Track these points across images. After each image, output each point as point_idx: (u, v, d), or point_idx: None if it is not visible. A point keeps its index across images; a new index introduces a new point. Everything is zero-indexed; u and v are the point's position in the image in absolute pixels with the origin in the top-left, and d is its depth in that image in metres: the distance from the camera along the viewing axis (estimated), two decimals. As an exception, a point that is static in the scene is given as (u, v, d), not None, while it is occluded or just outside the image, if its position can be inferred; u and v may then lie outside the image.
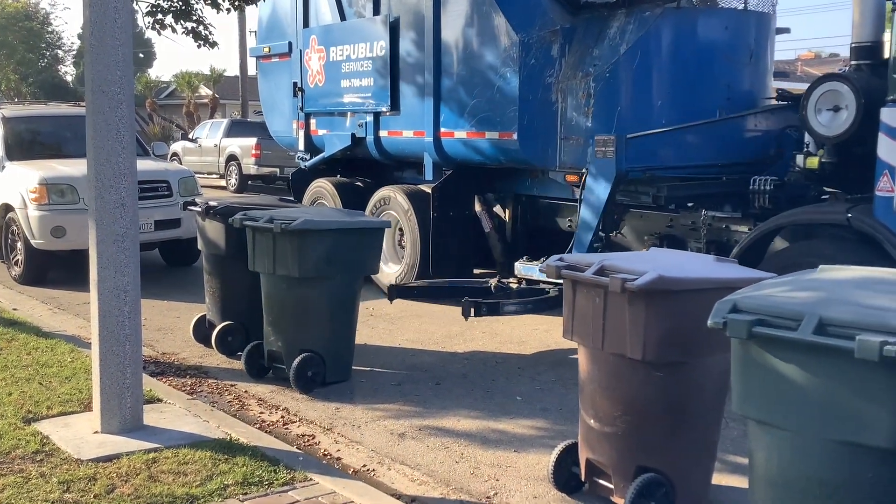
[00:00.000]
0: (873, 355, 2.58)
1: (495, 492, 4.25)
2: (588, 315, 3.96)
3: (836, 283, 3.10)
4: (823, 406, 2.79)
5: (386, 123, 9.25)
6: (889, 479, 2.72)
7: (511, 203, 8.91)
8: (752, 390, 3.00)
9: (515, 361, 6.61)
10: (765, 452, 2.99)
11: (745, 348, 3.00)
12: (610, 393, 3.93)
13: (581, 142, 7.38)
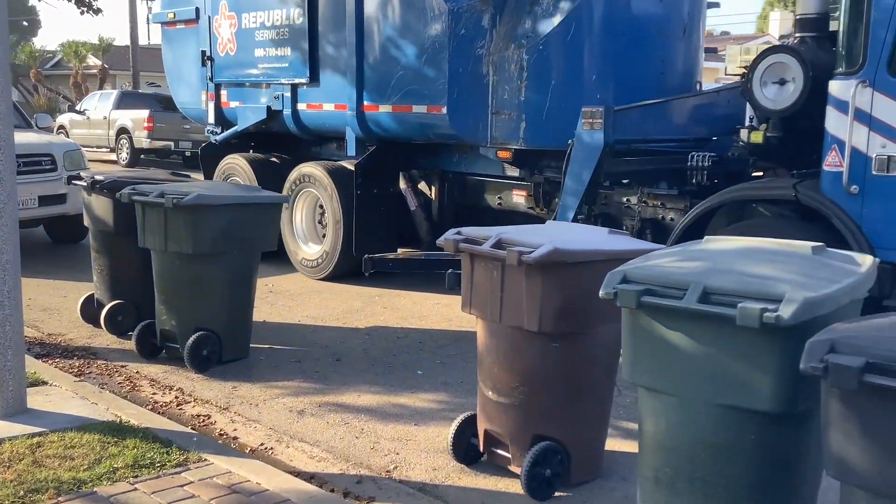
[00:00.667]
0: (754, 322, 2.68)
1: (395, 465, 4.25)
2: (486, 288, 3.99)
3: (720, 253, 3.21)
4: (709, 372, 2.89)
5: (304, 96, 8.76)
6: (771, 440, 2.85)
7: (437, 180, 8.62)
8: (641, 358, 3.08)
9: (417, 336, 6.62)
10: (654, 418, 3.08)
11: (635, 317, 3.08)
12: (507, 365, 3.98)
13: (514, 116, 7.16)
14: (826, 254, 3.21)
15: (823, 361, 2.24)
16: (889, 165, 5.07)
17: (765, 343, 2.76)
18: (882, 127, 5.10)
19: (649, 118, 7.11)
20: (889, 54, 5.08)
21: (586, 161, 6.54)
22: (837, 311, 2.79)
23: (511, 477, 4.07)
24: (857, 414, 2.25)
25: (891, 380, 2.14)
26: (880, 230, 5.16)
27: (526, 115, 7.08)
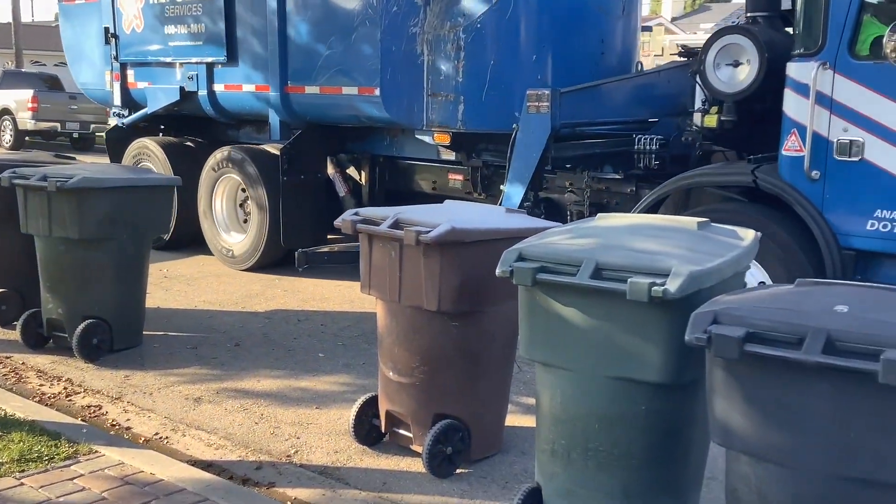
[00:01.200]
0: (643, 296, 2.75)
1: (296, 450, 4.20)
2: (385, 268, 3.97)
3: (612, 230, 3.28)
4: (602, 346, 2.96)
5: (222, 76, 8.20)
6: (660, 410, 2.94)
7: (367, 164, 8.22)
8: (537, 334, 3.13)
9: (318, 318, 6.55)
10: (549, 392, 3.14)
11: (531, 294, 3.12)
12: (407, 345, 3.97)
13: (451, 98, 6.88)
14: (711, 229, 3.32)
15: (707, 332, 2.31)
16: (851, 150, 4.88)
17: (653, 316, 2.84)
18: (843, 110, 4.91)
19: (594, 100, 6.92)
20: (850, 35, 4.86)
21: (533, 145, 6.35)
22: (721, 283, 2.88)
23: (413, 456, 4.08)
24: (738, 382, 2.34)
25: (769, 348, 2.23)
26: (842, 215, 4.98)
27: (464, 97, 6.83)
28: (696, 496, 3.22)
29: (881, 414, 2.13)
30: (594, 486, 3.06)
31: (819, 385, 2.19)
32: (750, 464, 2.36)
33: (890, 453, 2.13)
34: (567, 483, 3.12)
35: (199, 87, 8.37)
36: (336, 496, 3.70)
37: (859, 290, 2.52)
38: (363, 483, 3.86)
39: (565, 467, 3.12)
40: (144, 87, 9.06)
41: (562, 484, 3.14)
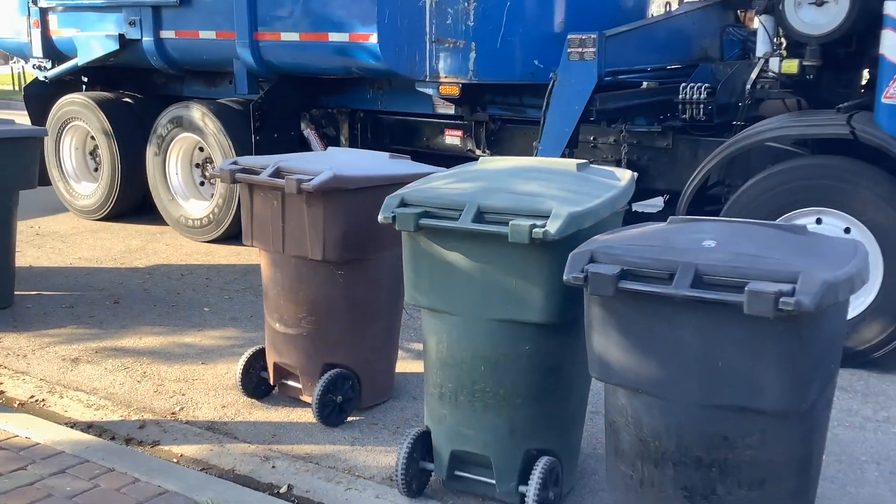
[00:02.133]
0: (524, 238, 2.78)
1: (181, 406, 4.11)
2: (267, 219, 3.88)
3: (494, 173, 3.29)
4: (485, 289, 2.99)
5: (173, 21, 7.13)
6: (543, 349, 3.00)
7: (346, 121, 7.32)
8: (422, 280, 3.13)
9: (203, 272, 6.38)
10: (436, 337, 3.16)
11: (414, 240, 3.11)
12: (293, 296, 3.92)
13: (461, 45, 6.09)
14: (590, 170, 3.37)
15: (584, 271, 2.36)
16: None
17: (535, 258, 2.88)
18: None
19: (636, 44, 6.13)
20: None
21: (573, 98, 5.61)
22: (599, 223, 2.95)
23: (303, 407, 4.06)
24: (614, 318, 2.40)
25: (642, 284, 2.29)
26: None
27: (476, 44, 6.05)
28: (579, 431, 3.33)
29: (748, 343, 2.23)
30: (481, 427, 3.11)
31: (689, 318, 2.28)
32: (626, 396, 2.44)
33: (756, 381, 2.24)
34: (455, 425, 3.17)
35: (144, 33, 7.30)
36: (224, 451, 3.65)
37: (727, 226, 2.61)
38: (252, 436, 3.81)
39: (453, 410, 3.16)
40: (72, 34, 7.88)
41: (450, 426, 3.18)
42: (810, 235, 2.57)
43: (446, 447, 3.20)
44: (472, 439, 3.14)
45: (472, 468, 3.20)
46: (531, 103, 6.28)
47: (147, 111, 7.83)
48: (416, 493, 3.26)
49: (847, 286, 2.22)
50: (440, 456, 3.23)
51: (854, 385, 4.34)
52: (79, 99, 8.07)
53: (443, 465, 3.23)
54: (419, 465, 3.26)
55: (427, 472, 3.30)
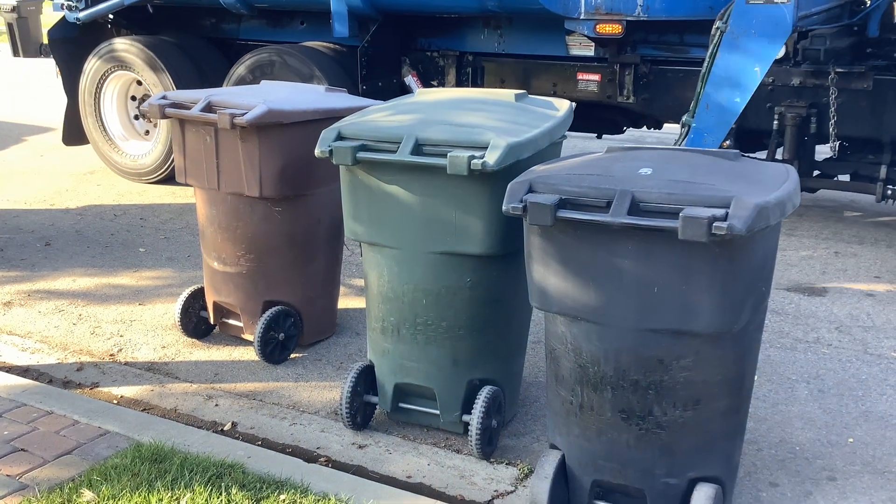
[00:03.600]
0: (462, 170, 2.77)
1: (120, 348, 4.05)
2: (201, 155, 3.78)
3: (432, 105, 3.25)
4: (425, 222, 2.98)
5: None
6: (484, 281, 3.02)
7: (453, 66, 6.35)
8: (361, 214, 3.11)
9: (137, 212, 6.23)
10: (377, 271, 3.15)
11: (352, 174, 3.08)
12: (231, 234, 3.85)
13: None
14: (528, 100, 3.35)
15: (523, 202, 2.36)
16: None
17: (474, 189, 2.87)
18: None
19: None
20: None
21: (755, 55, 4.58)
22: (538, 153, 2.95)
23: (245, 345, 4.04)
24: (554, 247, 2.41)
25: (580, 213, 2.30)
26: None
27: None
28: (521, 360, 3.38)
29: (682, 268, 2.27)
30: (424, 359, 3.13)
31: (626, 244, 2.30)
32: (565, 323, 2.47)
33: (690, 304, 2.28)
34: (398, 358, 3.18)
35: None
36: (165, 391, 3.62)
37: (663, 153, 2.63)
38: (193, 375, 3.78)
39: (396, 343, 3.17)
40: None
41: (393, 359, 3.20)
42: (744, 162, 2.60)
43: (390, 380, 3.23)
44: (415, 371, 3.17)
45: (416, 400, 3.23)
46: (694, 41, 5.52)
47: (206, 58, 6.96)
48: (361, 426, 3.29)
49: (778, 210, 2.26)
50: (384, 389, 3.26)
51: (785, 308, 4.48)
52: (128, 45, 6.82)
53: (387, 397, 3.25)
54: (363, 398, 3.28)
55: (372, 405, 3.33)
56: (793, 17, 4.50)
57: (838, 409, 3.43)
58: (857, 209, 6.30)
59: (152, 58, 6.68)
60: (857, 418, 3.36)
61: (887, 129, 5.16)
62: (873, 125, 5.15)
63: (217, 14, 7.01)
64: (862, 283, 4.82)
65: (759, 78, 4.63)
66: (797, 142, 5.33)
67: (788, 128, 5.28)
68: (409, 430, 3.30)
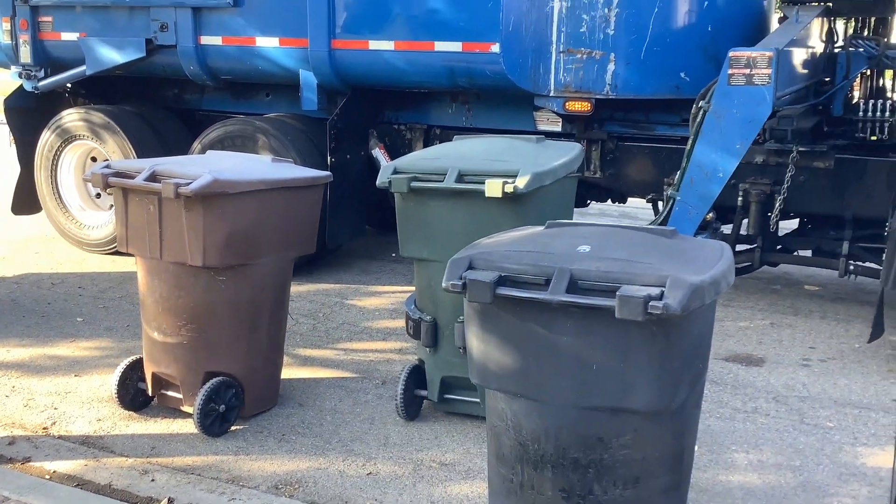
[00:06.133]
0: (497, 192, 3.45)
1: (54, 421, 3.93)
2: (143, 224, 3.76)
3: (469, 146, 4.03)
4: (466, 238, 3.33)
5: (220, 25, 6.18)
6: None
7: (420, 138, 6.38)
8: (413, 234, 3.78)
9: (75, 281, 6.11)
10: (425, 281, 3.82)
11: (406, 201, 3.76)
12: (172, 303, 3.80)
13: (598, 56, 5.43)
14: (546, 143, 4.14)
15: (462, 278, 2.39)
16: None
17: (507, 209, 3.52)
18: None
19: (791, 59, 5.32)
20: None
21: (738, 133, 4.74)
22: (557, 182, 3.71)
23: (184, 418, 3.95)
24: (493, 324, 2.44)
25: (519, 290, 2.34)
26: None
27: (616, 54, 5.43)
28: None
29: (620, 346, 2.31)
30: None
31: (565, 322, 2.33)
32: (506, 400, 2.48)
33: (628, 382, 2.31)
34: (445, 355, 3.82)
35: (180, 39, 6.28)
36: (100, 465, 3.51)
37: (602, 230, 2.69)
38: (130, 449, 3.68)
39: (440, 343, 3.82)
40: (75, 38, 6.69)
41: (441, 357, 3.84)
42: (680, 239, 2.68)
43: (437, 375, 3.86)
44: (460, 367, 3.61)
45: (460, 391, 3.87)
46: (659, 119, 5.75)
47: (168, 128, 6.91)
48: (413, 417, 3.95)
49: (713, 289, 2.33)
50: (433, 382, 3.90)
51: (724, 378, 4.55)
52: (87, 114, 6.77)
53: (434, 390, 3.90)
54: (414, 392, 3.93)
55: (421, 397, 3.96)
56: (772, 97, 4.70)
57: (777, 480, 3.48)
58: (790, 282, 6.49)
59: (113, 127, 6.64)
60: (795, 488, 3.40)
61: (848, 206, 5.36)
62: (835, 202, 5.34)
63: (180, 85, 7.03)
64: (797, 353, 4.94)
65: (740, 154, 4.82)
66: (761, 218, 5.47)
67: (752, 204, 5.44)
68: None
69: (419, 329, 3.83)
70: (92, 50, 6.61)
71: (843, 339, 5.18)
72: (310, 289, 6.01)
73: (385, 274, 6.52)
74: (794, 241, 5.81)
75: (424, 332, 3.81)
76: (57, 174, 6.96)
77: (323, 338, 5.05)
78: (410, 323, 3.90)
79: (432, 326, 3.79)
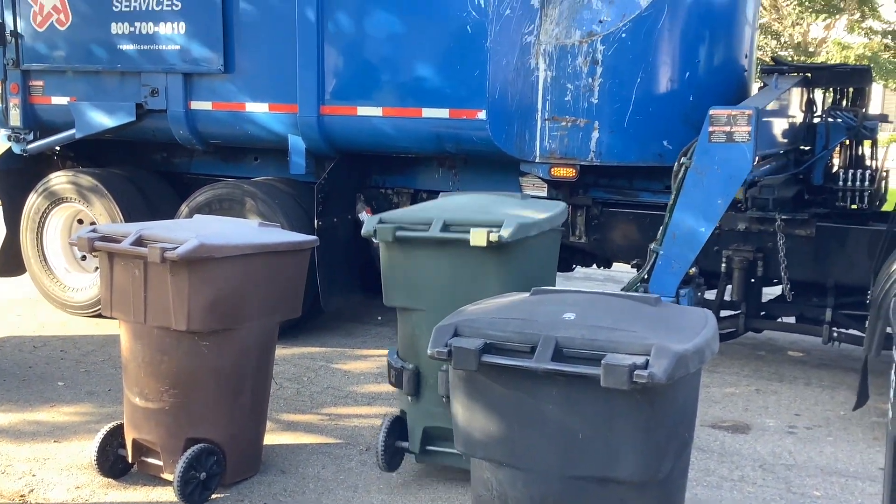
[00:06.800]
0: (482, 241, 3.49)
1: (31, 488, 3.85)
2: (128, 288, 3.74)
3: (455, 200, 4.17)
4: (450, 287, 3.63)
5: (211, 91, 6.28)
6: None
7: (407, 202, 6.37)
8: (396, 284, 3.81)
9: (57, 344, 6.05)
10: (409, 329, 3.84)
11: (391, 250, 3.78)
12: (155, 368, 3.77)
13: (582, 124, 5.55)
14: (531, 200, 4.31)
15: (448, 346, 2.39)
16: None
17: (492, 259, 3.56)
18: None
19: (770, 122, 5.44)
20: None
21: (719, 188, 4.85)
22: (541, 234, 3.76)
23: (164, 485, 3.88)
24: (479, 391, 2.43)
25: (505, 358, 2.34)
26: None
27: (600, 122, 5.53)
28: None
29: (605, 415, 2.30)
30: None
31: (551, 390, 2.33)
32: (490, 469, 2.46)
33: (614, 451, 2.31)
34: (428, 404, 3.82)
35: (171, 104, 6.38)
36: (76, 536, 3.43)
37: (587, 297, 2.71)
38: (108, 519, 3.61)
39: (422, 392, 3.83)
40: (65, 102, 6.76)
41: (423, 406, 3.84)
42: (664, 307, 2.70)
43: (419, 425, 3.84)
44: (440, 416, 3.67)
45: (442, 443, 3.83)
46: (643, 186, 5.84)
47: (156, 191, 6.94)
48: (394, 468, 3.94)
49: (697, 357, 2.34)
50: (414, 433, 3.87)
51: (710, 445, 4.53)
52: (75, 177, 6.80)
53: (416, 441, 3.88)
54: (395, 444, 3.89)
55: (403, 449, 3.92)
56: (752, 154, 4.81)
57: (765, 551, 3.44)
58: (775, 348, 6.51)
59: (101, 190, 6.66)
60: (783, 560, 3.37)
61: (830, 273, 5.41)
62: (817, 269, 5.40)
63: (169, 148, 7.07)
64: (783, 420, 4.93)
65: (722, 210, 4.91)
66: (744, 284, 5.52)
67: (736, 270, 5.50)
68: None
69: (401, 378, 3.81)
70: (82, 114, 6.67)
71: (828, 406, 5.18)
72: (294, 352, 5.98)
73: (371, 337, 6.50)
74: (777, 307, 5.85)
75: (407, 381, 3.78)
76: (43, 236, 6.95)
77: (307, 402, 5.00)
78: (392, 371, 3.87)
79: (415, 374, 3.77)
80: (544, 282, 3.87)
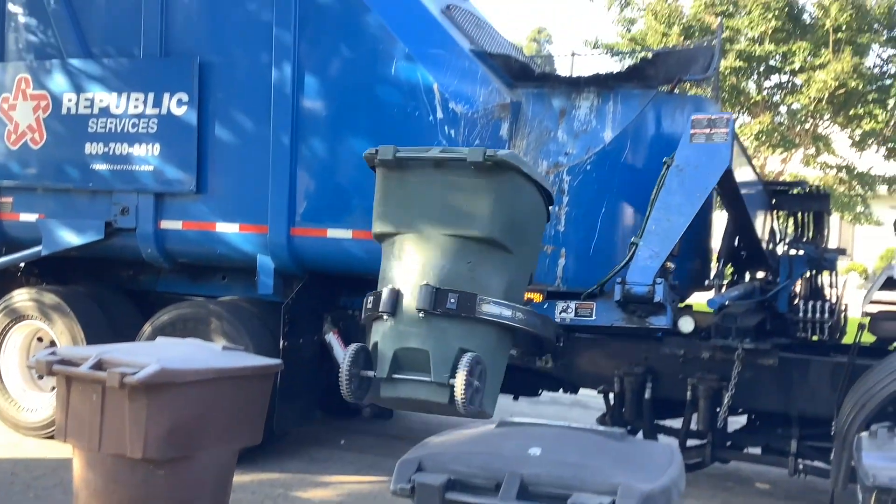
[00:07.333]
0: None
1: None
2: (84, 414, 3.65)
3: None
4: None
5: (182, 210, 6.30)
6: None
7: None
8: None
9: (8, 467, 5.81)
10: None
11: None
12: (107, 497, 3.64)
13: (548, 251, 5.67)
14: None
15: (411, 481, 2.34)
16: None
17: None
18: None
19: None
20: None
21: (697, 184, 5.10)
22: None
23: None
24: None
25: (469, 496, 2.29)
26: None
27: (567, 250, 5.67)
28: None
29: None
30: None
31: (518, 529, 2.27)
32: None
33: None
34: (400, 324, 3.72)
35: (140, 223, 6.39)
36: None
37: (553, 432, 2.68)
38: None
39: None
40: (33, 219, 6.75)
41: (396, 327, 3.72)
42: (630, 442, 2.68)
43: (390, 347, 3.70)
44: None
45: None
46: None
47: (119, 309, 6.81)
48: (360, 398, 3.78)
49: (663, 497, 2.31)
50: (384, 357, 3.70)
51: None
52: (37, 295, 6.71)
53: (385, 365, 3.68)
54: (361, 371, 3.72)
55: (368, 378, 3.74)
56: (730, 153, 5.08)
57: None
58: (742, 478, 6.44)
59: (63, 308, 6.54)
60: None
61: (794, 404, 5.38)
62: (781, 400, 5.39)
63: (135, 266, 7.00)
64: (754, 555, 4.82)
65: (699, 204, 5.13)
66: (710, 413, 5.48)
67: (700, 399, 5.48)
68: None
69: (379, 299, 3.80)
70: (50, 231, 6.62)
71: (798, 540, 5.10)
72: (253, 479, 5.78)
73: (333, 463, 6.33)
74: (744, 437, 5.81)
75: (386, 299, 3.77)
76: (0, 354, 6.79)
77: (264, 534, 4.82)
78: (370, 297, 3.90)
79: (394, 292, 3.78)
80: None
